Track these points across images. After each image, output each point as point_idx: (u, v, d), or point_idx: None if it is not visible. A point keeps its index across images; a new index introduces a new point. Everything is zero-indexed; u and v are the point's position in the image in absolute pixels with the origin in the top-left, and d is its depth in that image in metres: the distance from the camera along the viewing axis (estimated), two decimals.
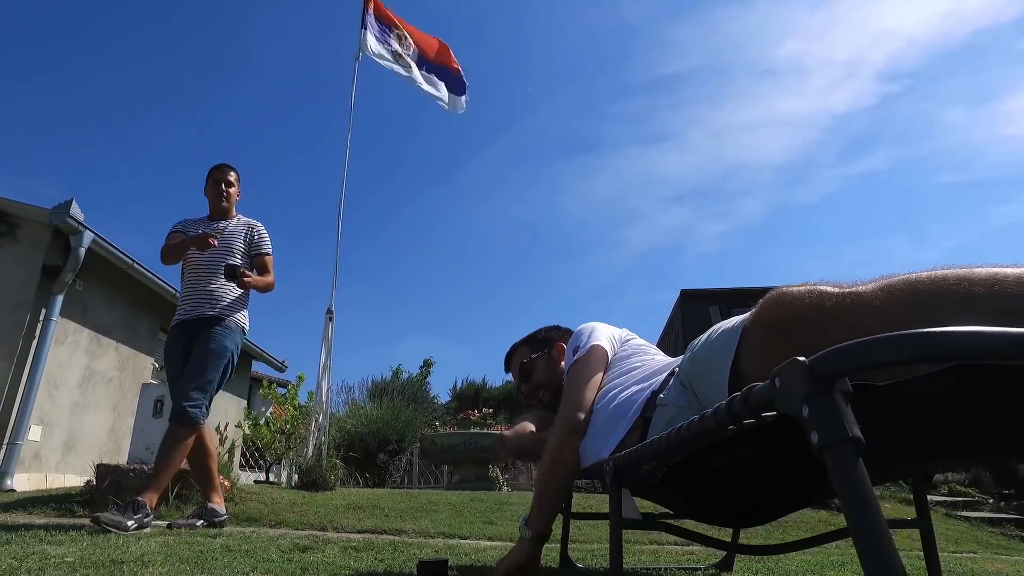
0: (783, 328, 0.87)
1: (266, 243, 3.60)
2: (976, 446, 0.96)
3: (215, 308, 3.33)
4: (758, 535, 3.91)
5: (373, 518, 3.92)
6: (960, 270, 0.74)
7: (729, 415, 0.68)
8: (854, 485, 0.46)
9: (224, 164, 3.65)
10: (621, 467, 1.22)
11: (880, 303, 0.77)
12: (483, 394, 17.02)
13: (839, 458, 0.47)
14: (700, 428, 0.77)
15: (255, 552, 2.27)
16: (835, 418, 0.48)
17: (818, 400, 0.50)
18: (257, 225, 3.62)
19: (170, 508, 3.85)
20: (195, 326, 3.30)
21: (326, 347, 5.39)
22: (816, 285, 0.85)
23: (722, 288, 11.37)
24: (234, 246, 3.47)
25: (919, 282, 0.76)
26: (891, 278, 0.79)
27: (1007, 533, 5.50)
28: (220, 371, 3.26)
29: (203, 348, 3.22)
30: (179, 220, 3.61)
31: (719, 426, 0.72)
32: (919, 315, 0.72)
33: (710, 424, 0.73)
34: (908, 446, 0.93)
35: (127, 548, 2.11)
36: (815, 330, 0.80)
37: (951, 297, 0.72)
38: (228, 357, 3.31)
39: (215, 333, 3.27)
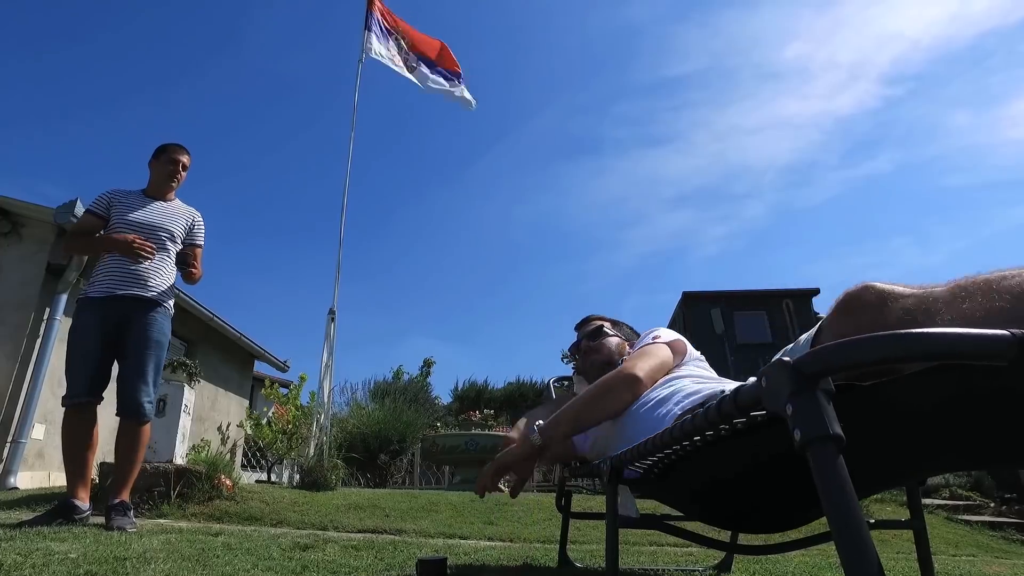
0: (849, 310, 0.84)
1: (202, 235, 3.43)
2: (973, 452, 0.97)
3: (152, 291, 3.09)
4: (758, 536, 3.92)
5: (374, 518, 3.93)
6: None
7: (719, 414, 0.70)
8: (834, 481, 0.47)
9: (182, 145, 3.43)
10: (619, 467, 1.24)
11: (937, 297, 0.75)
12: (485, 395, 17.05)
13: (820, 454, 0.49)
14: (693, 426, 0.79)
15: (256, 550, 2.29)
16: (817, 415, 0.50)
17: (801, 398, 0.51)
18: (197, 215, 3.43)
19: (171, 506, 3.88)
20: (124, 306, 3.02)
21: (328, 347, 5.41)
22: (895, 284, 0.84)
23: (723, 290, 11.40)
24: (174, 231, 3.27)
25: (971, 281, 0.74)
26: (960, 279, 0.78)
27: (1008, 537, 5.50)
28: (163, 361, 3.14)
29: (147, 337, 3.01)
30: (108, 190, 3.28)
31: (711, 425, 0.73)
32: (965, 311, 0.69)
33: (701, 423, 0.75)
34: (907, 449, 0.95)
35: (130, 545, 2.13)
36: (875, 312, 0.78)
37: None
38: (167, 345, 3.17)
39: (156, 320, 3.07)
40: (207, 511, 3.87)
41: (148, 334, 3.01)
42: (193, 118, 35.66)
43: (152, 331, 3.03)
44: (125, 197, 3.25)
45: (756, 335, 10.78)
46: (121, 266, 3.06)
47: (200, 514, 3.82)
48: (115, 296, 3.01)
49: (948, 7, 38.89)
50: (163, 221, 3.23)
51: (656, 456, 1.03)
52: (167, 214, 3.28)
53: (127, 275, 3.06)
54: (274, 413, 11.73)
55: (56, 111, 28.35)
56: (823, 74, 41.84)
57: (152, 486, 4.02)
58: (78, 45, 28.47)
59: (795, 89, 43.98)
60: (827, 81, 41.31)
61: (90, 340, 2.97)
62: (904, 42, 40.64)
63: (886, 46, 40.37)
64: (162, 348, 3.11)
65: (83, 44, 29.23)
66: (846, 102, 39.76)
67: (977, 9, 38.01)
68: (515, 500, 4.98)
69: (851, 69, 39.89)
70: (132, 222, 3.14)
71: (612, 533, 1.23)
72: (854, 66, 39.61)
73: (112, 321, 2.99)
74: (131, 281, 3.06)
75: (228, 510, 3.88)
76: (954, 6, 38.64)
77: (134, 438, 3.05)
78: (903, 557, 3.69)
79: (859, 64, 39.80)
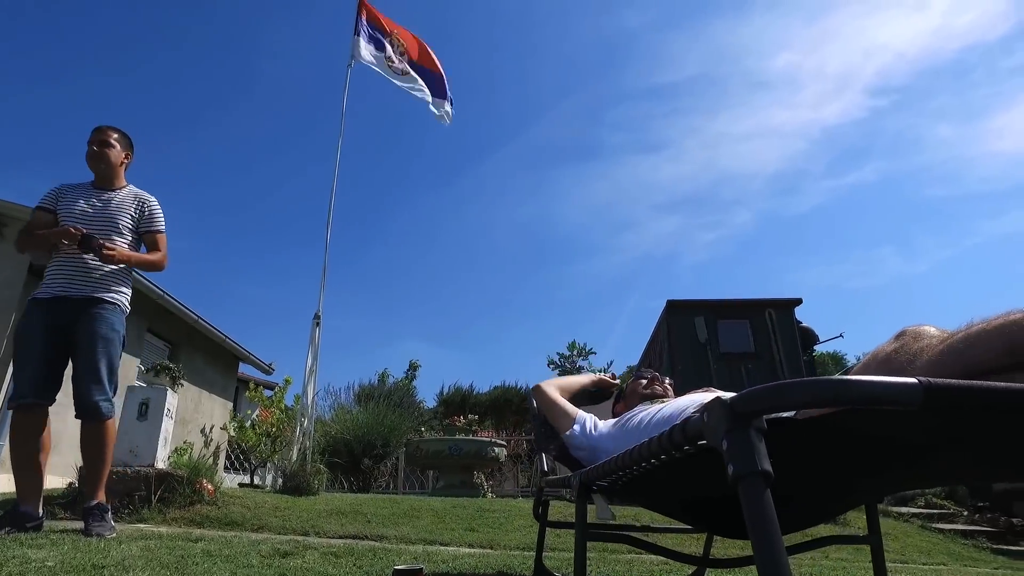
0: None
1: (157, 220, 3.24)
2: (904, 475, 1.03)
3: (98, 288, 2.99)
4: (736, 546, 3.98)
5: (355, 524, 3.95)
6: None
7: (671, 442, 0.74)
8: (759, 512, 0.52)
9: (104, 125, 3.25)
10: (586, 483, 1.28)
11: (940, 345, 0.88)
12: (470, 400, 17.06)
13: (749, 488, 0.53)
14: (648, 451, 0.83)
15: (235, 557, 2.30)
16: (748, 453, 0.54)
17: (735, 435, 0.56)
18: (149, 199, 3.26)
19: (152, 511, 3.87)
20: (71, 306, 2.93)
21: (313, 352, 5.42)
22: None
23: (707, 299, 11.60)
24: (119, 220, 3.12)
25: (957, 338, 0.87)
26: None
27: (978, 545, 5.61)
28: (117, 357, 3.01)
29: (94, 335, 2.90)
30: (57, 185, 3.19)
31: (663, 451, 0.78)
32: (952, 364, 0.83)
33: (656, 449, 0.80)
34: (847, 470, 1.00)
35: (108, 552, 2.14)
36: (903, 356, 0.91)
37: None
38: (120, 341, 3.03)
39: (104, 316, 2.95)
40: (188, 516, 3.87)
41: (96, 331, 2.91)
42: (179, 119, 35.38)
43: (100, 328, 2.92)
44: (72, 190, 3.15)
45: (739, 344, 10.95)
46: (67, 265, 2.98)
47: (181, 519, 3.82)
48: (61, 297, 2.93)
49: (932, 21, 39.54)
50: (105, 210, 3.10)
51: (620, 472, 1.07)
52: (111, 203, 3.14)
53: (73, 274, 2.96)
54: (258, 415, 11.68)
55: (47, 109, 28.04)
56: (811, 84, 42.34)
57: (133, 490, 4.01)
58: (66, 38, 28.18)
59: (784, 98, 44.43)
60: (815, 91, 41.83)
61: (36, 341, 2.88)
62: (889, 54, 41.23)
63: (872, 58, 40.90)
64: (112, 344, 2.97)
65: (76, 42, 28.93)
66: (833, 112, 40.29)
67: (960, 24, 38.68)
68: (496, 507, 5.01)
69: (838, 80, 40.43)
70: (74, 214, 3.03)
71: (580, 545, 1.27)
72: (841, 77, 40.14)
73: (60, 322, 2.90)
74: (77, 279, 2.96)
75: (209, 515, 3.88)
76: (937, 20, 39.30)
77: (98, 438, 3.00)
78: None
79: (846, 75, 40.32)
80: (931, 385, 0.52)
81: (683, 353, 10.77)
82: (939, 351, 0.88)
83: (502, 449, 8.34)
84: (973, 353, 0.83)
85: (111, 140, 3.21)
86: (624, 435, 1.71)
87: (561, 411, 2.01)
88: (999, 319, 0.84)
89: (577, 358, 17.28)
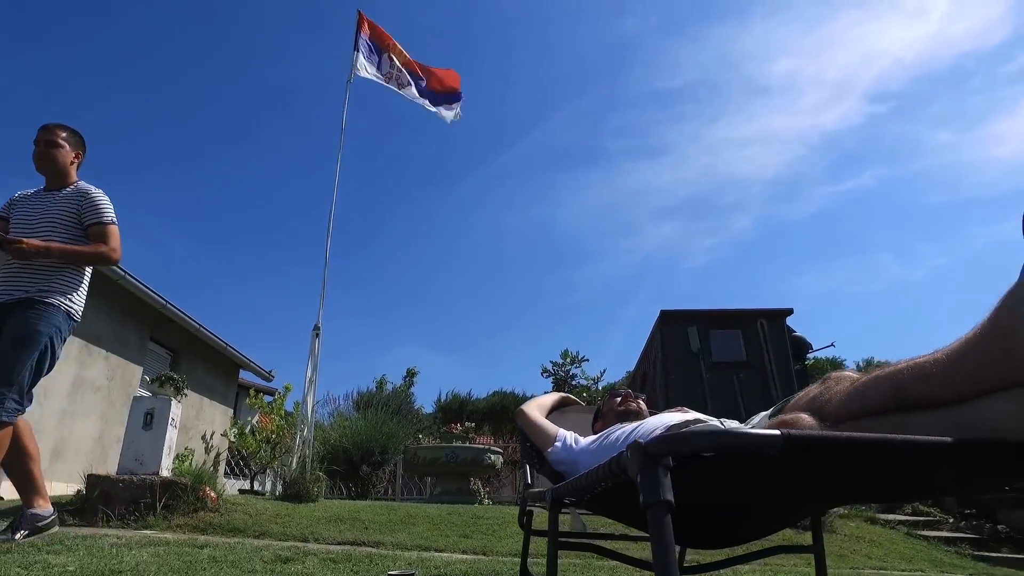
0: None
1: (100, 211, 3.09)
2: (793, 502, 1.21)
3: (27, 289, 2.89)
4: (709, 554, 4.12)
5: (353, 530, 4.09)
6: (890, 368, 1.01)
7: (610, 471, 0.90)
8: (660, 534, 0.67)
9: (51, 123, 3.18)
10: (558, 498, 1.44)
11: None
12: (468, 407, 17.19)
13: (653, 515, 0.69)
14: (596, 476, 0.99)
15: (240, 563, 2.46)
16: (654, 486, 0.70)
17: (645, 472, 0.71)
18: (90, 192, 3.13)
19: (157, 518, 4.02)
20: (5, 310, 2.86)
21: (312, 362, 5.57)
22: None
23: (700, 309, 11.79)
24: (62, 219, 3.04)
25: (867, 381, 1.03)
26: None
27: (960, 552, 5.76)
28: (31, 360, 2.81)
29: (9, 335, 2.81)
30: (14, 194, 3.18)
31: (607, 477, 0.94)
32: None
33: (603, 474, 0.95)
34: (757, 496, 1.18)
35: (122, 558, 2.29)
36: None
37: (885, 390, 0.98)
38: (42, 344, 2.84)
39: (26, 317, 2.84)
40: (192, 523, 4.01)
41: (12, 332, 2.82)
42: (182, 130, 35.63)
43: (18, 330, 2.82)
44: (22, 198, 3.15)
45: (731, 353, 11.12)
46: (7, 269, 2.95)
47: (185, 526, 3.96)
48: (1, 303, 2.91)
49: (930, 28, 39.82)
50: (49, 212, 3.05)
51: (580, 493, 1.23)
52: (51, 205, 3.08)
53: (7, 278, 2.93)
54: (258, 421, 11.82)
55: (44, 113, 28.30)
56: (810, 90, 42.64)
57: (138, 498, 4.15)
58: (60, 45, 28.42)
59: (783, 104, 44.72)
60: (814, 97, 42.13)
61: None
62: (888, 60, 41.54)
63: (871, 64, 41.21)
64: (28, 345, 2.81)
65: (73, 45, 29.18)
66: (832, 118, 40.58)
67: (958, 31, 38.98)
68: (491, 514, 5.16)
69: (837, 86, 40.73)
70: (18, 221, 3.04)
71: (552, 553, 1.44)
72: (840, 83, 40.44)
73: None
74: (12, 283, 2.92)
75: (212, 522, 4.02)
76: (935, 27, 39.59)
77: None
78: (855, 572, 3.92)
79: (845, 81, 40.61)
80: (790, 435, 0.68)
81: (676, 362, 10.96)
82: (847, 393, 1.05)
83: (498, 456, 8.48)
84: (870, 395, 0.99)
85: (59, 140, 3.14)
86: (601, 451, 1.87)
87: (542, 431, 2.17)
88: (891, 367, 1.00)
89: (570, 366, 17.41)
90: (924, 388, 0.88)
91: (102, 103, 30.60)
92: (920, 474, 0.91)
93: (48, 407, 6.54)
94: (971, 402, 0.81)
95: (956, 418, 0.82)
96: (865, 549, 5.39)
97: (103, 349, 7.49)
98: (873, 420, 0.94)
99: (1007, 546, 6.30)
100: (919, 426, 0.85)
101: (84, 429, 7.16)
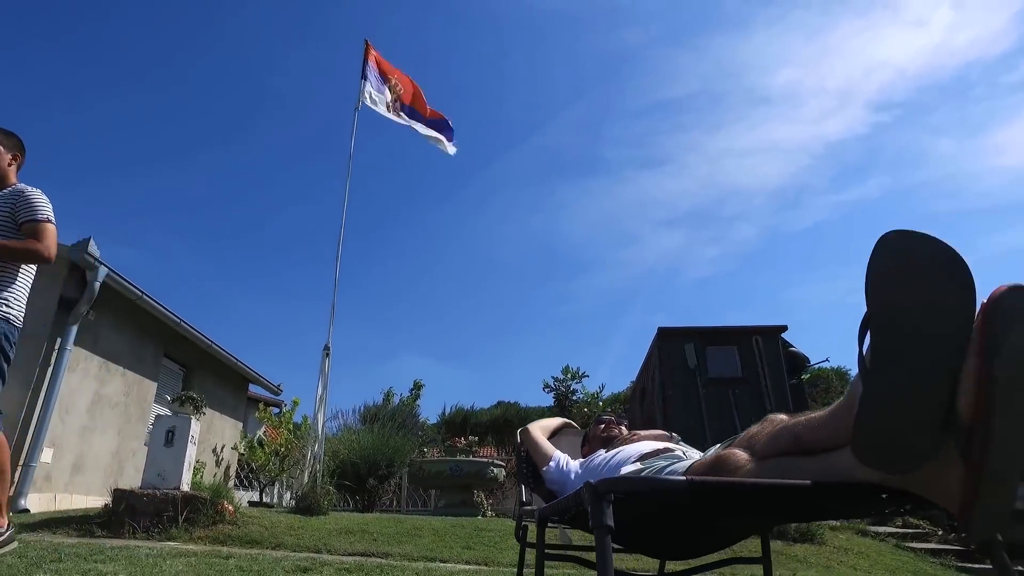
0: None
1: (34, 209, 2.99)
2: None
3: None
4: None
5: (363, 542, 4.36)
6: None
7: (574, 500, 1.18)
8: (602, 552, 0.95)
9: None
10: (544, 517, 1.72)
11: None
12: (472, 420, 17.45)
13: (597, 535, 0.96)
14: (567, 503, 1.27)
15: (264, 571, 2.73)
16: (599, 515, 0.97)
17: (593, 504, 0.99)
18: (25, 191, 3.04)
19: (179, 530, 4.29)
20: None
21: (323, 381, 5.86)
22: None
23: (696, 326, 12.13)
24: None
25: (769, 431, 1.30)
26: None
27: (946, 563, 5.97)
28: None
29: None
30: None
31: (573, 505, 1.22)
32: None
33: (571, 503, 1.23)
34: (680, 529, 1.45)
35: (162, 568, 2.57)
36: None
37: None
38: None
39: None
40: (211, 535, 4.28)
41: None
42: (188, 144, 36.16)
43: None
44: None
45: (727, 369, 11.40)
46: None
47: (206, 537, 4.23)
48: None
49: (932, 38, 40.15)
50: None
51: (561, 512, 1.51)
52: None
53: None
54: (264, 434, 12.10)
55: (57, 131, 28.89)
56: (812, 100, 42.98)
57: (162, 511, 4.43)
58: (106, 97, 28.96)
59: (785, 114, 45.06)
60: (816, 107, 42.45)
61: None
62: (890, 70, 41.85)
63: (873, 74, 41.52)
64: None
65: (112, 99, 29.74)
66: (835, 127, 40.89)
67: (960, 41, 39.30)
68: (493, 526, 5.41)
69: (839, 95, 41.06)
70: None
71: (540, 564, 1.71)
72: (842, 93, 40.76)
73: None
74: None
75: (231, 534, 4.29)
76: (938, 37, 39.93)
77: None
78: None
79: (847, 91, 40.94)
80: (693, 482, 0.95)
81: (673, 378, 11.25)
82: (768, 436, 1.32)
83: (501, 469, 8.73)
84: (779, 440, 1.27)
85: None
86: (586, 474, 2.15)
87: (542, 450, 2.46)
88: (794, 420, 1.27)
89: (571, 381, 17.69)
90: (813, 437, 1.16)
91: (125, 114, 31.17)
92: (799, 506, 1.19)
93: (69, 423, 6.83)
94: (840, 450, 1.09)
95: (830, 461, 1.10)
96: (852, 560, 5.61)
97: (120, 366, 7.79)
98: (778, 460, 1.22)
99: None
100: (806, 468, 1.13)
101: (102, 444, 7.44)
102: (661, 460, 1.88)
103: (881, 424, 0.92)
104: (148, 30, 30.65)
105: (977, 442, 0.85)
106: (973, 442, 0.86)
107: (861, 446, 0.96)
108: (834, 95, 40.83)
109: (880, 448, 0.93)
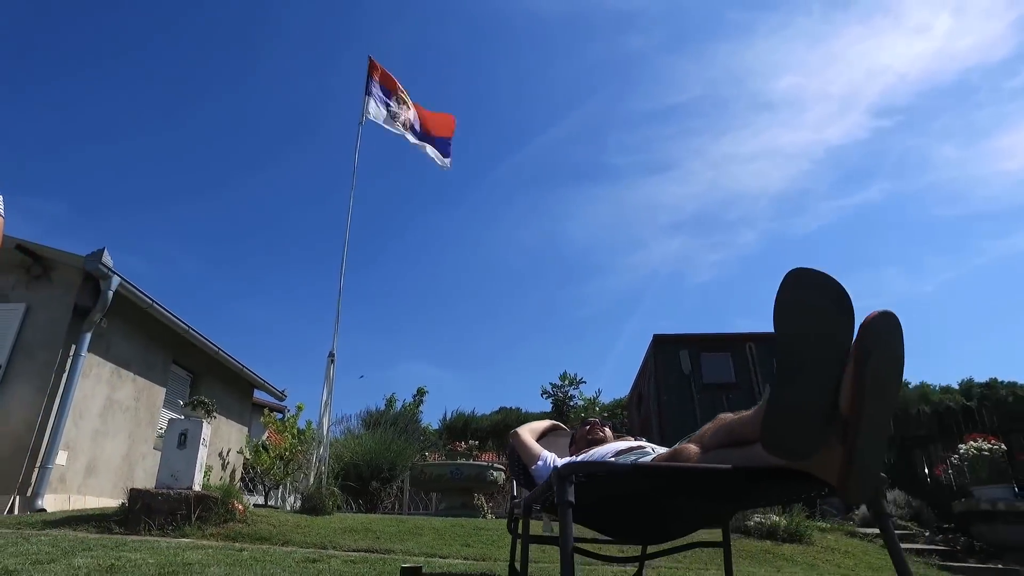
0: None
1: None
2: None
3: None
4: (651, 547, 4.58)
5: (367, 539, 4.58)
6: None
7: (548, 485, 1.42)
8: (565, 526, 1.18)
9: None
10: (528, 505, 1.96)
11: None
12: (472, 425, 17.66)
13: (561, 511, 1.19)
14: (544, 488, 1.51)
15: (277, 561, 2.97)
16: (562, 493, 1.20)
17: (558, 483, 1.22)
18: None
19: (192, 527, 4.52)
20: None
21: (328, 387, 6.09)
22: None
23: (692, 333, 12.40)
24: None
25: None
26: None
27: (929, 563, 6.18)
28: None
29: None
30: None
31: (548, 489, 1.45)
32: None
33: (546, 488, 1.47)
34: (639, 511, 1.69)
35: (185, 555, 2.81)
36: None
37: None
38: None
39: None
40: (223, 532, 4.51)
41: None
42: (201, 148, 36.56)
43: None
44: None
45: (721, 375, 11.66)
46: None
47: (218, 534, 4.46)
48: None
49: (934, 43, 40.40)
50: None
51: (540, 498, 1.75)
52: None
53: None
54: (267, 438, 12.30)
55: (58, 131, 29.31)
56: (815, 105, 43.21)
57: (175, 510, 4.66)
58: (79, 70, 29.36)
59: (788, 119, 45.32)
60: (819, 112, 42.71)
61: None
62: (892, 76, 42.07)
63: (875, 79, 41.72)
64: None
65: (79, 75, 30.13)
66: (837, 133, 41.11)
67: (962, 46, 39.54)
68: (491, 526, 5.63)
69: (842, 101, 41.31)
70: None
71: (524, 549, 1.95)
72: (845, 98, 41.02)
73: None
74: None
75: (241, 531, 4.52)
76: (939, 43, 40.17)
77: None
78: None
79: (849, 96, 41.17)
80: (636, 465, 1.19)
81: (669, 384, 11.50)
82: (713, 431, 1.56)
83: (500, 472, 8.94)
84: (719, 434, 1.51)
85: None
86: None
87: (530, 451, 2.70)
88: (731, 418, 1.51)
89: (568, 387, 17.94)
90: (743, 432, 1.41)
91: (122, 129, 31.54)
92: (725, 488, 1.43)
93: (83, 427, 7.08)
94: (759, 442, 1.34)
95: (753, 451, 1.34)
96: (837, 559, 5.83)
97: (131, 372, 8.04)
98: (717, 451, 1.46)
99: (975, 558, 6.72)
100: (736, 456, 1.37)
101: (113, 447, 7.68)
102: (632, 455, 2.12)
103: (780, 426, 1.18)
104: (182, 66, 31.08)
105: (851, 429, 1.10)
106: (848, 429, 1.11)
107: (768, 442, 1.21)
108: (837, 100, 41.11)
109: (781, 441, 1.18)
